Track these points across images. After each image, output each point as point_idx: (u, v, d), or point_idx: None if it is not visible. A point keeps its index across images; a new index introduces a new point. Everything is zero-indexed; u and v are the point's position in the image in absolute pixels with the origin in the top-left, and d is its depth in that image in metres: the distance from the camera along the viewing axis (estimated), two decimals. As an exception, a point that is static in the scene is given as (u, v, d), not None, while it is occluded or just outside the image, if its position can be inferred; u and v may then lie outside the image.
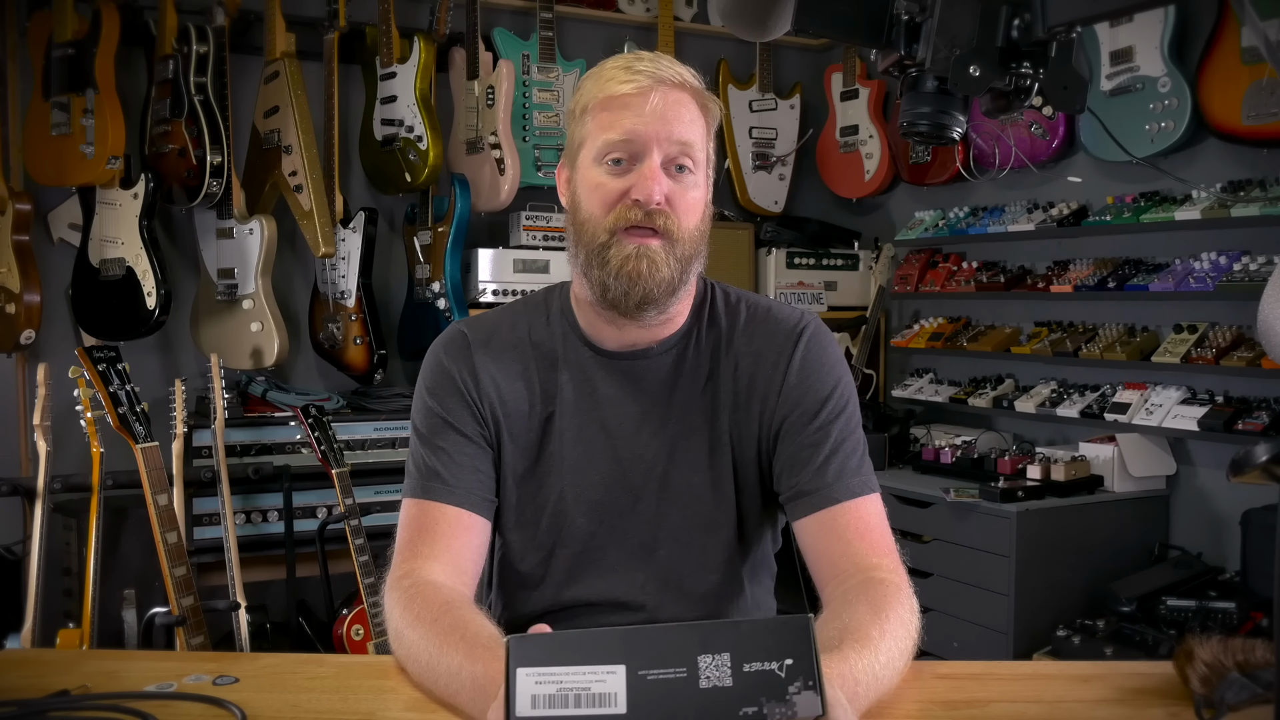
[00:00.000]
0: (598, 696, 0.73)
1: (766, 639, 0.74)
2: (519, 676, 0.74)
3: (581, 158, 1.23)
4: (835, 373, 1.27)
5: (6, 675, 1.10)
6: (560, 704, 0.73)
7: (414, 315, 3.31)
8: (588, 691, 0.73)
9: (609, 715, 0.72)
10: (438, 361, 1.29)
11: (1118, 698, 1.03)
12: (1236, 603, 2.46)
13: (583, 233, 1.21)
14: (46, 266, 2.95)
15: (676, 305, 1.25)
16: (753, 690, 0.73)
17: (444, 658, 1.01)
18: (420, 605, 1.10)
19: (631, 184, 1.18)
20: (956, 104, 0.86)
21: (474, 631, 1.04)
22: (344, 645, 2.76)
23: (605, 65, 1.24)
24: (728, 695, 0.72)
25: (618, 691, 0.73)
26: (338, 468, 2.64)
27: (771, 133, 3.88)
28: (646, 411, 1.27)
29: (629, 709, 0.72)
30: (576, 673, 0.74)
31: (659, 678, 0.73)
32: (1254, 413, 2.57)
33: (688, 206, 1.20)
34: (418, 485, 1.25)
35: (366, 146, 3.28)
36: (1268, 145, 2.57)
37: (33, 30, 2.88)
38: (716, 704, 0.72)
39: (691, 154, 1.20)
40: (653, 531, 1.26)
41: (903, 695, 1.02)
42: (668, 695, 0.73)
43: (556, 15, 3.42)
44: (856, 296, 3.80)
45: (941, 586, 2.83)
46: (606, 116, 1.19)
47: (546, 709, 0.73)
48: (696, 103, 1.22)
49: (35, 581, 2.35)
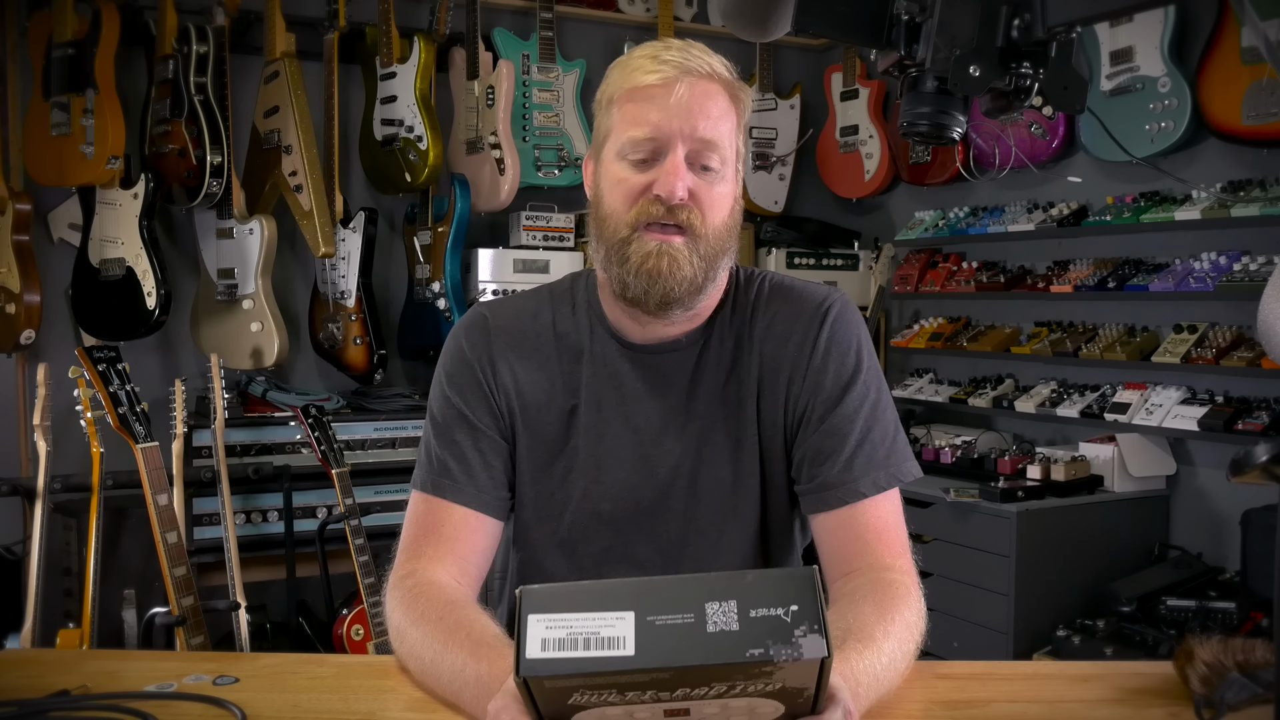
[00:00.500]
0: (606, 640, 0.74)
1: (772, 588, 0.76)
2: (530, 621, 0.75)
3: (606, 151, 1.19)
4: (860, 355, 1.22)
5: (6, 675, 1.10)
6: (569, 646, 0.74)
7: (414, 315, 3.31)
8: (597, 635, 0.74)
9: (617, 657, 0.74)
10: (458, 346, 1.27)
11: (1118, 698, 1.03)
12: (1236, 603, 2.46)
13: (604, 228, 1.19)
14: (46, 266, 2.95)
15: (704, 302, 1.21)
16: (759, 633, 0.74)
17: (447, 656, 1.01)
18: (424, 604, 1.09)
19: (654, 179, 1.14)
20: (956, 104, 0.86)
21: (478, 631, 1.03)
22: (344, 645, 2.76)
23: (633, 53, 1.20)
24: (735, 638, 0.74)
25: (626, 635, 0.74)
26: (338, 468, 2.64)
27: (771, 133, 3.88)
28: (673, 406, 1.23)
29: (637, 651, 0.74)
30: (586, 618, 0.75)
31: (667, 623, 0.75)
32: (1254, 413, 2.57)
33: (713, 202, 1.16)
34: (428, 479, 1.22)
35: (366, 146, 3.28)
36: (1268, 145, 2.57)
37: (33, 30, 2.88)
38: (724, 646, 0.74)
39: (718, 148, 1.16)
40: (681, 529, 1.23)
41: (904, 695, 1.02)
42: (676, 638, 0.74)
43: (556, 15, 3.42)
44: (856, 296, 3.80)
45: (941, 586, 2.83)
46: (631, 109, 1.16)
47: (556, 652, 0.74)
48: (726, 94, 1.18)
49: (35, 581, 2.35)
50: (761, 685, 0.75)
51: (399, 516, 1.26)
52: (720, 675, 0.74)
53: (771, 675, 0.74)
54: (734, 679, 0.75)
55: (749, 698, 0.77)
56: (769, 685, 0.76)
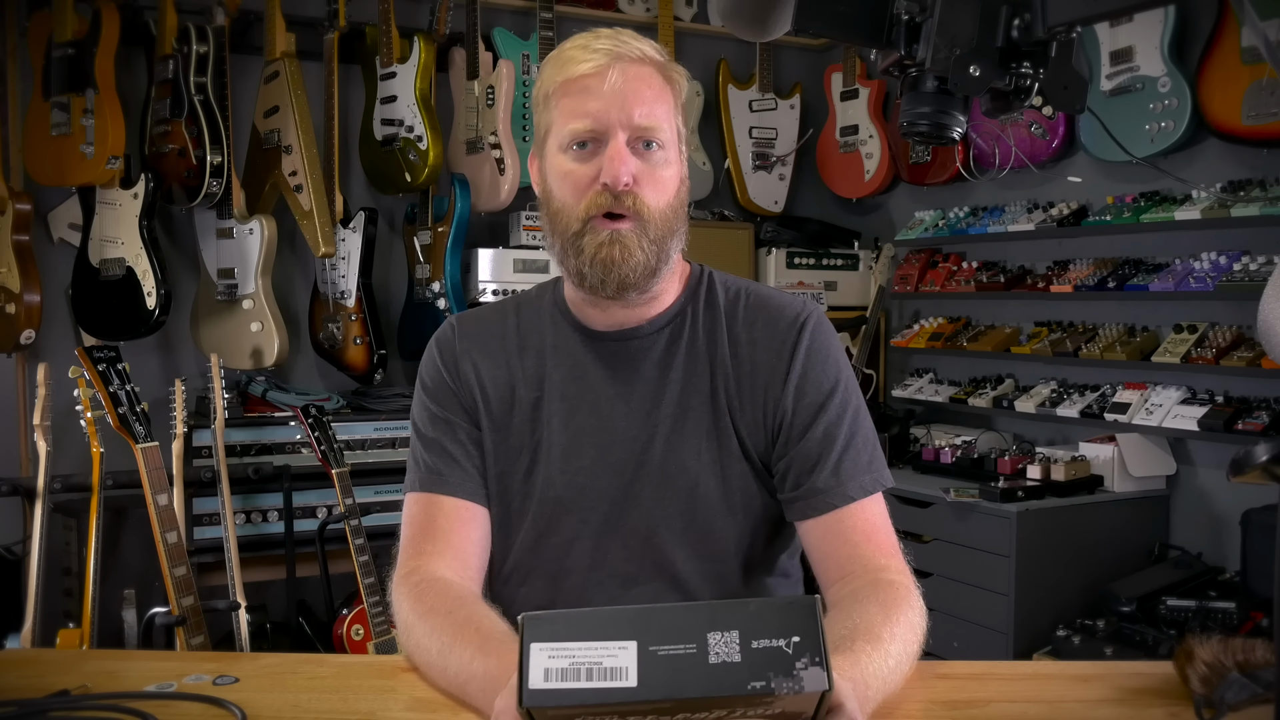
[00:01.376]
0: (609, 670, 0.75)
1: (774, 618, 0.76)
2: (533, 651, 0.76)
3: (549, 145, 1.21)
4: (839, 365, 1.25)
5: (6, 675, 1.10)
6: (573, 677, 0.75)
7: (414, 315, 3.31)
8: (600, 665, 0.75)
9: (620, 688, 0.74)
10: (429, 355, 1.31)
11: (1118, 698, 1.03)
12: (1236, 603, 2.46)
13: (557, 222, 1.20)
14: (46, 266, 2.95)
15: (659, 284, 1.22)
16: (761, 665, 0.74)
17: (455, 651, 1.01)
18: (431, 600, 1.10)
19: (599, 168, 1.15)
20: (956, 104, 0.86)
21: (487, 627, 1.04)
22: (344, 645, 2.77)
23: (564, 46, 1.23)
24: (737, 670, 0.74)
25: (629, 666, 0.75)
26: (338, 468, 2.64)
27: (771, 133, 3.88)
28: (639, 393, 1.23)
29: (639, 682, 0.74)
30: (589, 648, 0.76)
31: (669, 653, 0.75)
32: (1254, 413, 2.57)
33: (657, 184, 1.17)
34: (416, 479, 1.25)
35: (366, 146, 3.28)
36: (1268, 145, 2.57)
37: (33, 30, 2.87)
38: (726, 678, 0.74)
39: (657, 130, 1.17)
40: (647, 518, 1.22)
41: (904, 695, 1.02)
42: (678, 670, 0.75)
43: (556, 15, 3.42)
44: (856, 296, 3.80)
45: (941, 586, 2.83)
46: (568, 102, 1.18)
47: (559, 682, 0.75)
48: (660, 75, 1.20)
49: (35, 581, 2.35)
50: (761, 710, 0.77)
51: (399, 516, 1.27)
52: (721, 705, 0.75)
53: (771, 704, 0.75)
54: (734, 707, 0.76)
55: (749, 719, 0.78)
56: (769, 710, 0.77)
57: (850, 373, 1.26)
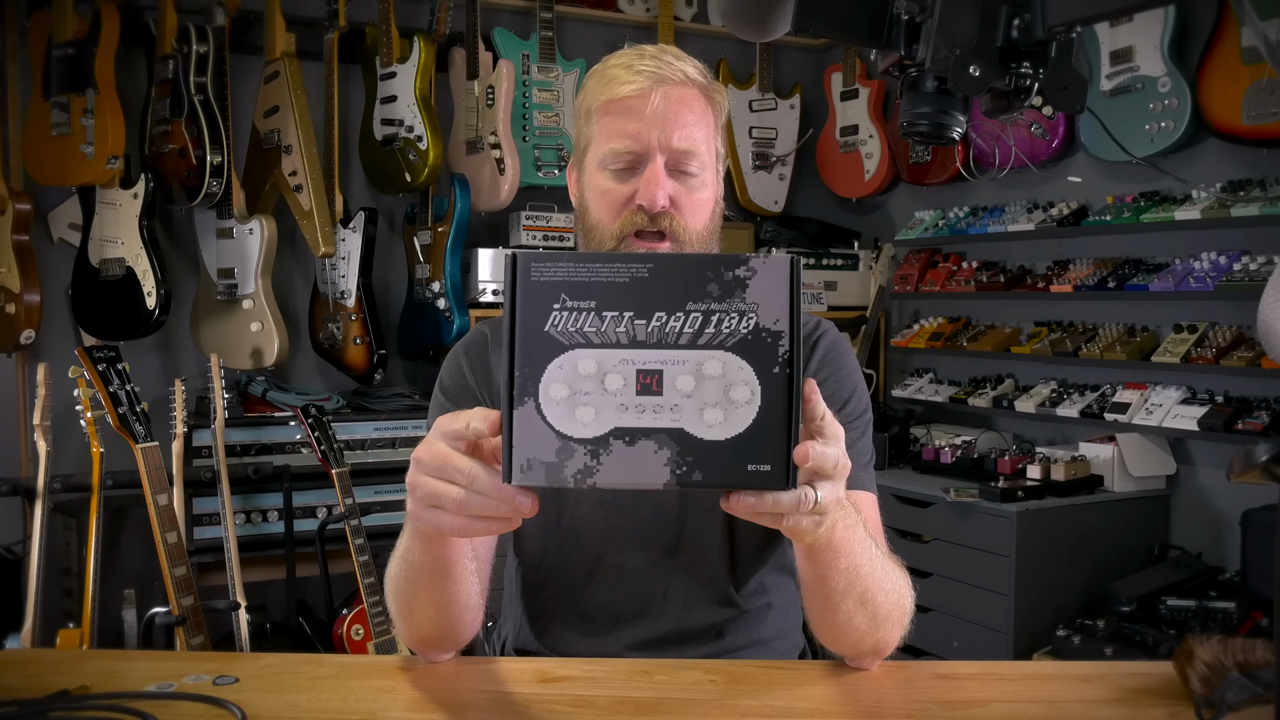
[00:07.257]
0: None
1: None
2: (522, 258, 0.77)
3: (588, 161, 1.23)
4: (854, 379, 1.26)
5: (6, 675, 1.10)
6: (560, 271, 0.77)
7: (414, 315, 3.31)
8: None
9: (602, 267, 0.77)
10: (457, 361, 1.30)
11: (1118, 698, 1.03)
12: (1236, 603, 2.46)
13: (591, 238, 1.21)
14: (46, 266, 2.95)
15: None
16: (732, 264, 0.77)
17: (405, 551, 1.03)
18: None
19: (636, 189, 1.17)
20: (956, 104, 0.86)
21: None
22: (344, 645, 2.77)
23: (608, 63, 1.23)
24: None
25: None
26: (338, 468, 2.64)
27: (771, 132, 3.88)
28: None
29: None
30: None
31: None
32: (1254, 413, 2.57)
33: (694, 207, 1.19)
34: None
35: (366, 146, 3.28)
36: (1268, 145, 2.57)
37: (33, 30, 2.87)
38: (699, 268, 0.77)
39: (696, 154, 1.19)
40: (674, 535, 1.23)
41: (904, 695, 1.02)
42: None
43: (556, 15, 3.42)
44: (856, 296, 3.80)
45: (941, 586, 2.83)
46: (609, 121, 1.19)
47: (549, 264, 0.77)
48: (702, 97, 1.21)
49: (35, 581, 2.35)
50: (735, 321, 0.76)
51: (399, 516, 1.26)
52: (694, 277, 0.76)
53: (745, 300, 0.75)
54: (708, 292, 0.76)
55: (724, 353, 0.76)
56: (744, 324, 0.76)
57: (865, 390, 1.27)
